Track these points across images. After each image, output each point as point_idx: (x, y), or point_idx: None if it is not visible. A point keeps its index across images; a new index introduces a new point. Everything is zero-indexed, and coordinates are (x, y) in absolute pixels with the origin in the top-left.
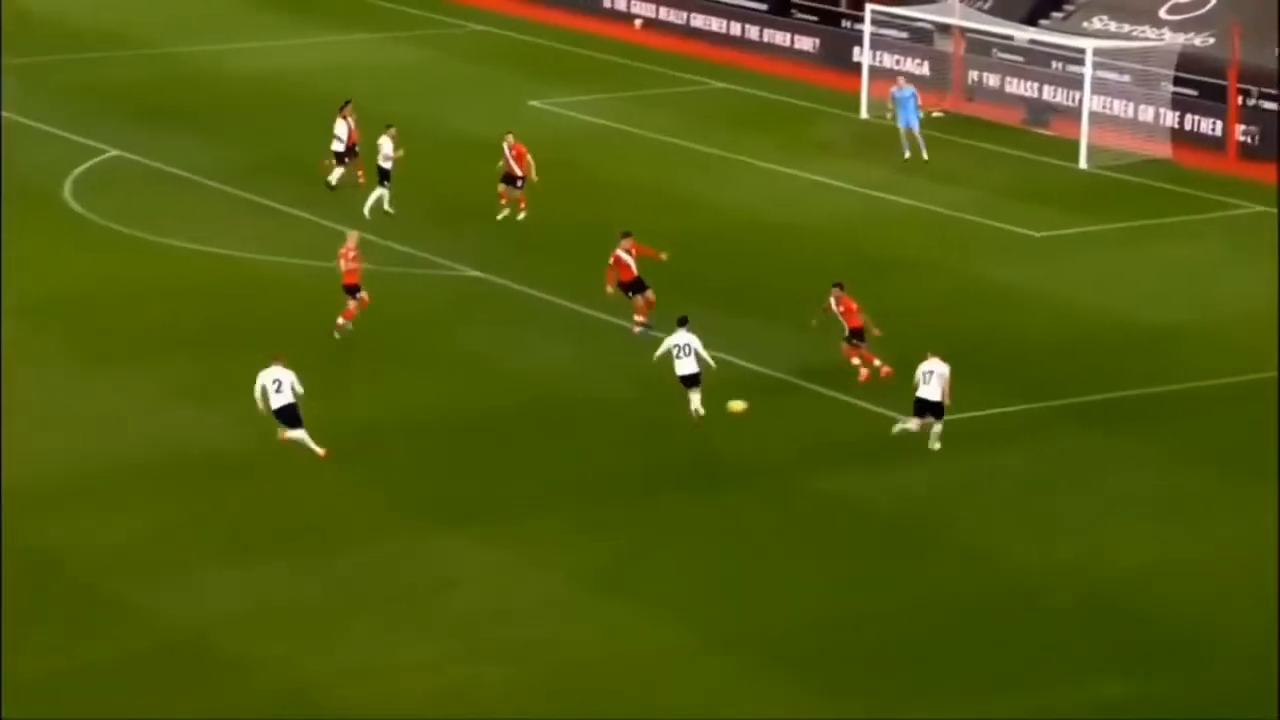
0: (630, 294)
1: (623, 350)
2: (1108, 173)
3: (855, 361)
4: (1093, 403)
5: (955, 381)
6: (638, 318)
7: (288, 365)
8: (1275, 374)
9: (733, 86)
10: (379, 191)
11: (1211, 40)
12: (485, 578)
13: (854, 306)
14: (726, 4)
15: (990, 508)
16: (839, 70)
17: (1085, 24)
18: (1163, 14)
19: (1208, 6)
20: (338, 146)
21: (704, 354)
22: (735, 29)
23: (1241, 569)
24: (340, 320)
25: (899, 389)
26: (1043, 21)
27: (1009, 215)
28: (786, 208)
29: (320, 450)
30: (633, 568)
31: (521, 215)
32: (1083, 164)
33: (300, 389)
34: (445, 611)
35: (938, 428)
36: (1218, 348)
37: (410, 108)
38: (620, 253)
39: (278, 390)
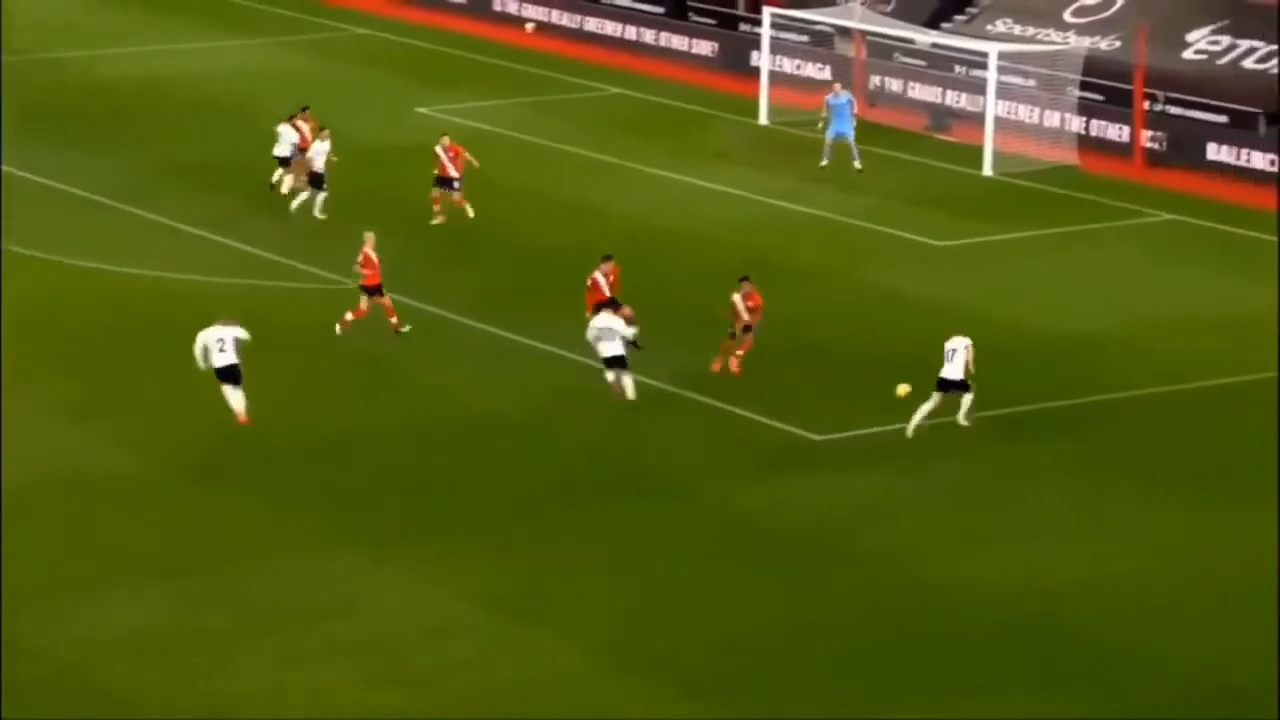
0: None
1: (522, 365)
2: (1013, 180)
3: (725, 351)
4: (1004, 415)
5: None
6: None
7: (229, 323)
8: (1190, 385)
9: (628, 92)
10: (309, 195)
11: (1118, 44)
12: (383, 600)
13: (759, 304)
14: (622, 7)
15: (903, 522)
16: (737, 75)
17: (989, 27)
18: (1068, 17)
19: (1113, 9)
20: (283, 152)
21: (626, 333)
22: (631, 33)
23: (1165, 583)
24: (349, 316)
25: (814, 405)
26: (945, 25)
27: (911, 223)
28: (682, 215)
29: (243, 416)
30: (536, 589)
31: (470, 214)
32: (987, 170)
33: (246, 336)
34: (342, 635)
35: (968, 399)
36: (1130, 358)
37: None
38: (599, 275)
39: (221, 350)
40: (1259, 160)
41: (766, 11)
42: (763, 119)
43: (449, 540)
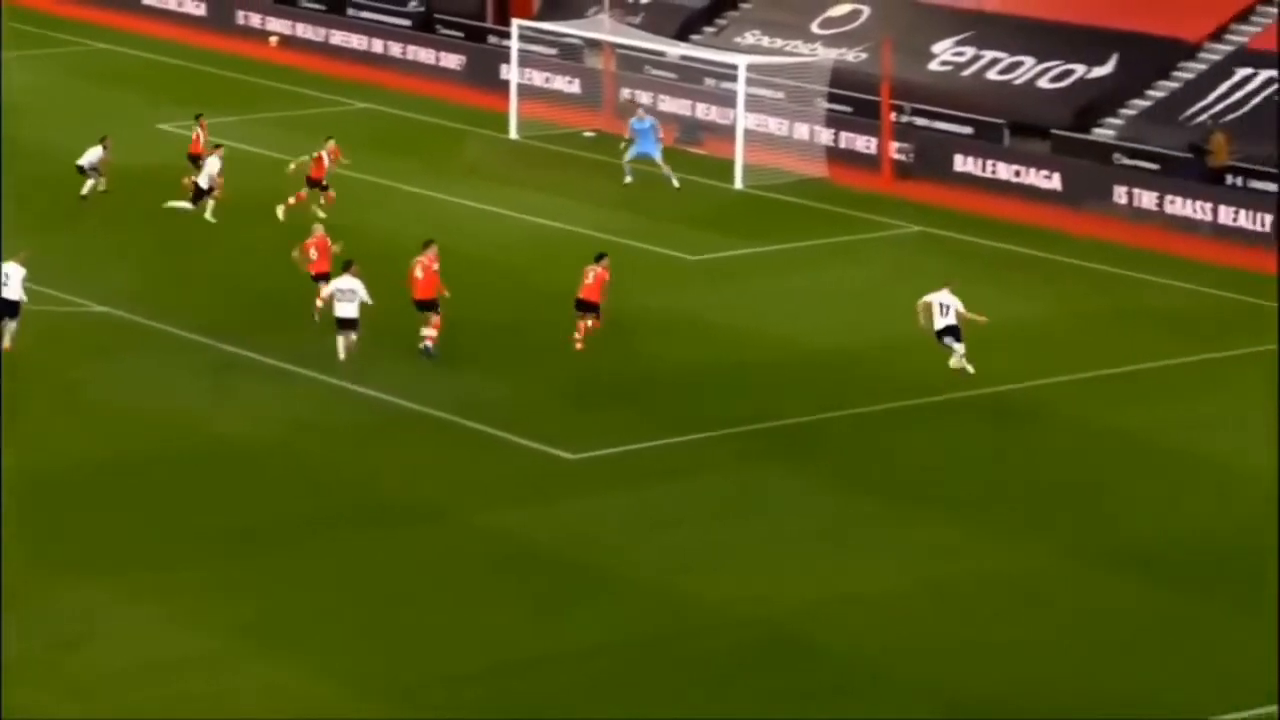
0: (422, 310)
1: (264, 388)
2: (763, 192)
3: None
4: (756, 432)
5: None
6: (426, 331)
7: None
8: (938, 398)
9: (376, 106)
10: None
11: (864, 55)
12: (126, 633)
13: (606, 279)
14: (368, 20)
15: (659, 543)
16: (486, 89)
17: (738, 39)
18: (815, 28)
19: (859, 21)
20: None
21: (365, 297)
22: (378, 46)
23: (912, 598)
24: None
25: (568, 424)
26: (694, 37)
27: (662, 238)
28: (434, 232)
29: (8, 343)
30: (286, 619)
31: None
32: (738, 184)
33: (24, 272)
34: (82, 669)
35: (960, 348)
36: (878, 372)
37: (28, 132)
38: (424, 262)
39: (5, 283)
40: (1004, 171)
41: (515, 24)
42: (513, 133)
43: (195, 570)
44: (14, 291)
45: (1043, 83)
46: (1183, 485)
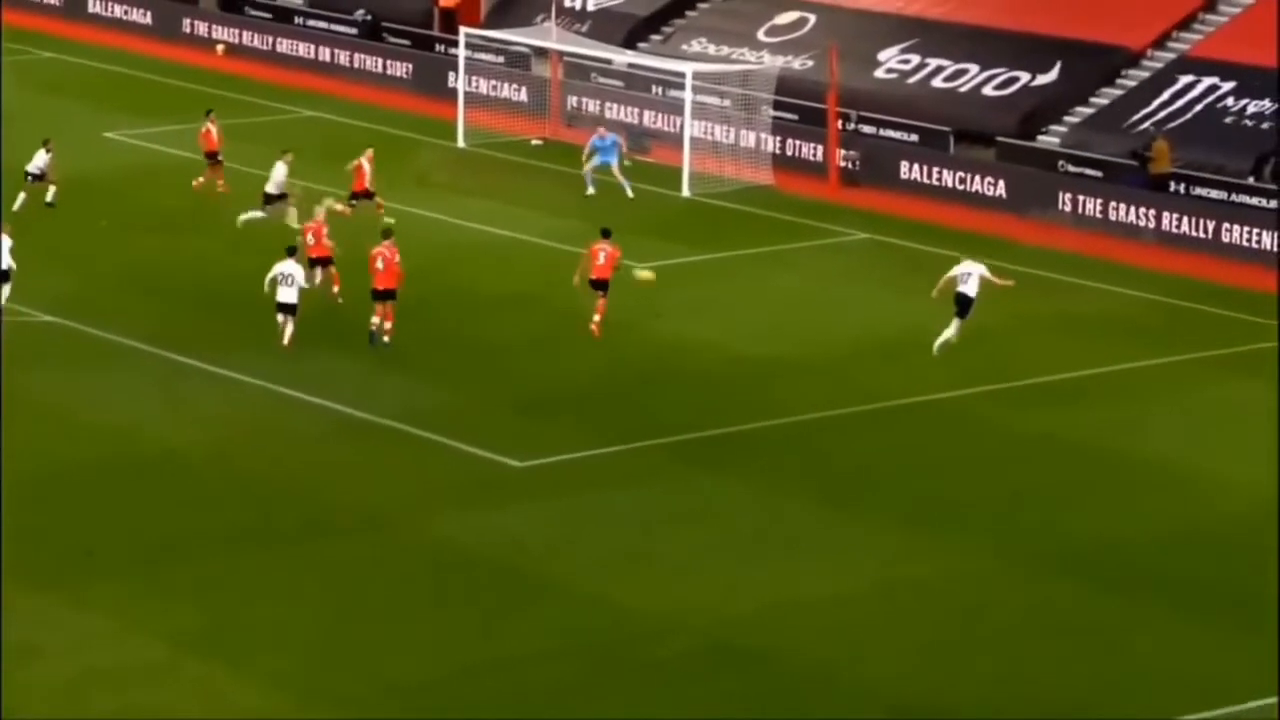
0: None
1: (208, 396)
2: (710, 200)
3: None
4: (697, 439)
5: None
6: (382, 322)
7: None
8: (882, 404)
9: (323, 114)
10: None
11: (810, 63)
12: (74, 643)
13: (616, 256)
14: (315, 29)
15: (602, 551)
16: (434, 97)
17: (685, 47)
18: (761, 36)
19: (805, 29)
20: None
21: (304, 282)
22: (325, 54)
23: (857, 602)
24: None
25: (515, 431)
26: (641, 45)
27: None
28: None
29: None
30: (233, 627)
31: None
32: (685, 191)
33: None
34: (29, 681)
35: (955, 325)
36: (822, 379)
37: None
38: (384, 253)
39: None
40: (949, 178)
41: (462, 32)
42: (460, 142)
43: (142, 579)
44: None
45: (987, 90)
46: (1126, 489)
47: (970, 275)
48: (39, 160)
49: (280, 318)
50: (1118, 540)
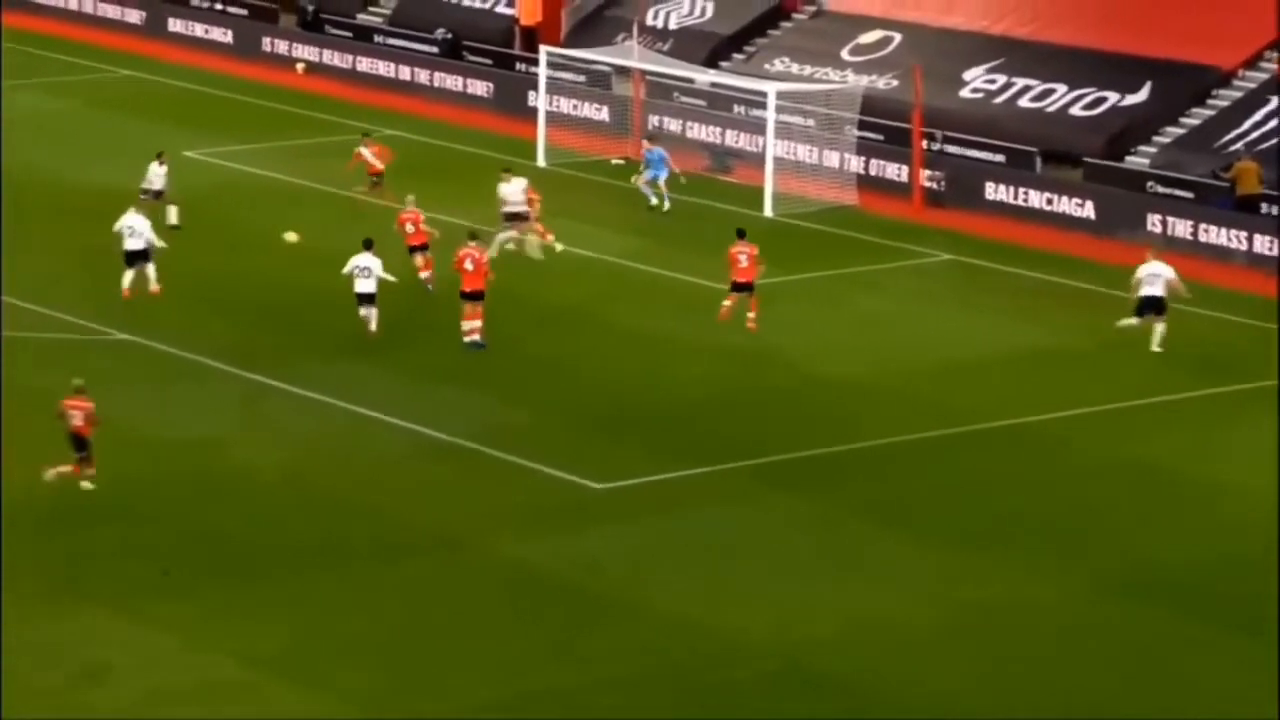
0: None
1: (286, 414)
2: (793, 221)
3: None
4: (777, 462)
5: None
6: (474, 324)
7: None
8: (966, 428)
9: (403, 133)
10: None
11: (895, 83)
12: (146, 662)
13: (755, 254)
14: (395, 47)
15: (679, 574)
16: (514, 116)
17: (767, 66)
18: (845, 55)
19: (890, 48)
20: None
21: (384, 274)
22: (405, 73)
23: (932, 628)
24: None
25: (596, 453)
26: (724, 64)
27: (690, 267)
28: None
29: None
30: (307, 648)
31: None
32: (768, 211)
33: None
34: (101, 699)
35: (1160, 327)
36: (905, 402)
37: (53, 160)
38: (472, 254)
39: (130, 235)
40: (1035, 199)
41: (543, 51)
42: (540, 161)
43: (216, 598)
44: (139, 241)
45: (1075, 110)
46: (1205, 514)
47: (1158, 277)
48: (155, 176)
49: (362, 310)
50: (1190, 563)
